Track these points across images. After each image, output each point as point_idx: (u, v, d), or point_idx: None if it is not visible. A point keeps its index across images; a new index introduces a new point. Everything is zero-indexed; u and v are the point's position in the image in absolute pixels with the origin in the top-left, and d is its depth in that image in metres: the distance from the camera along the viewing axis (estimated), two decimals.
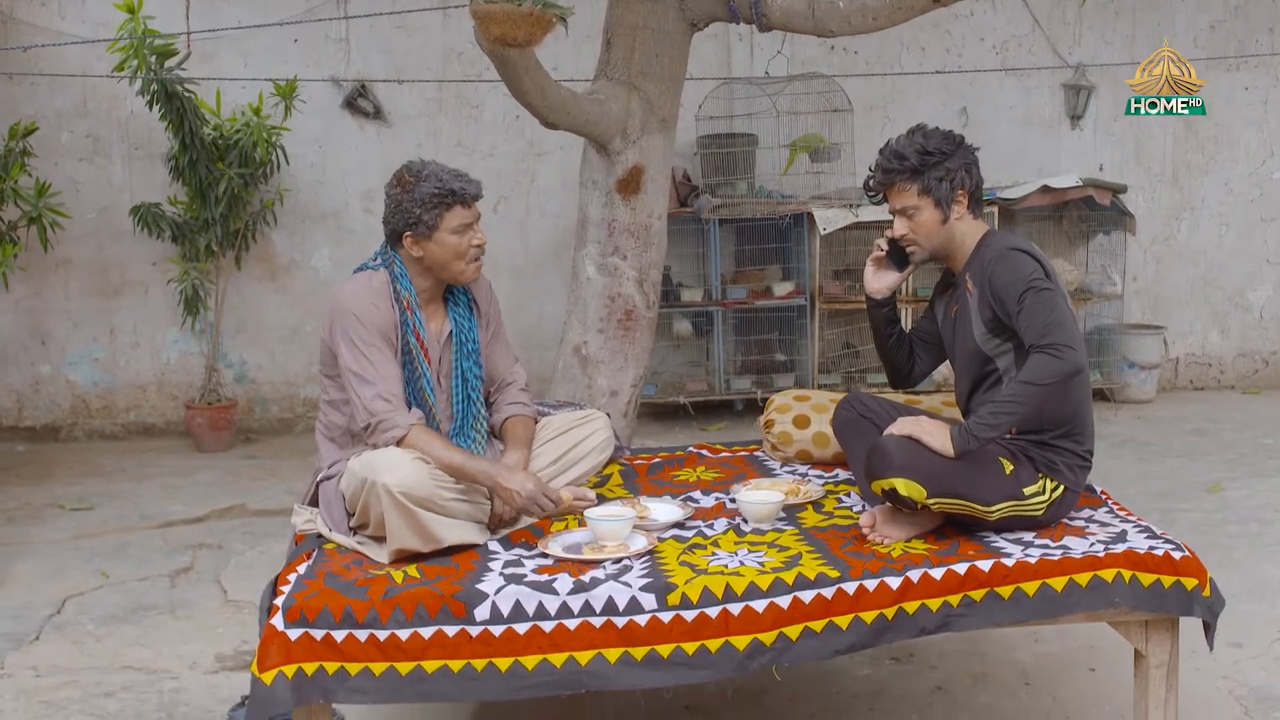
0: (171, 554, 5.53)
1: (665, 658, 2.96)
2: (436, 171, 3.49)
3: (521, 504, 3.33)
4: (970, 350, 3.52)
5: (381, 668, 2.94)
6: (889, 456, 3.21)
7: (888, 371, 3.92)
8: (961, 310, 3.55)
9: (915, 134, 3.55)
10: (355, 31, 8.03)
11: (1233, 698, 3.82)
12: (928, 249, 3.58)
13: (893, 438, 3.28)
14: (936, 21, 8.45)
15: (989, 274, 3.42)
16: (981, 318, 3.46)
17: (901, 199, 3.54)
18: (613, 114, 5.27)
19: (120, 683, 4.12)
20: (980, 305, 3.46)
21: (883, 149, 3.58)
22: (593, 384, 5.44)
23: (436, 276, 3.56)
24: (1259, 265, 8.85)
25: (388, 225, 3.54)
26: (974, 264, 3.52)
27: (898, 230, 3.59)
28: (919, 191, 3.51)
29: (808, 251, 7.89)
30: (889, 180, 3.54)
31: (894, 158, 3.52)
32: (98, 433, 8.10)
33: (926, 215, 3.52)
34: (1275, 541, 5.27)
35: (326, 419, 3.61)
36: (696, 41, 5.86)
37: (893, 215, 3.61)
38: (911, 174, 3.50)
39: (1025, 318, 3.31)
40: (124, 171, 7.93)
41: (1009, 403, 3.24)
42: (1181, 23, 8.56)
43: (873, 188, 3.63)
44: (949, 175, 3.50)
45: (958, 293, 3.58)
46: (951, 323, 3.62)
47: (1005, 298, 3.36)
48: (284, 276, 8.16)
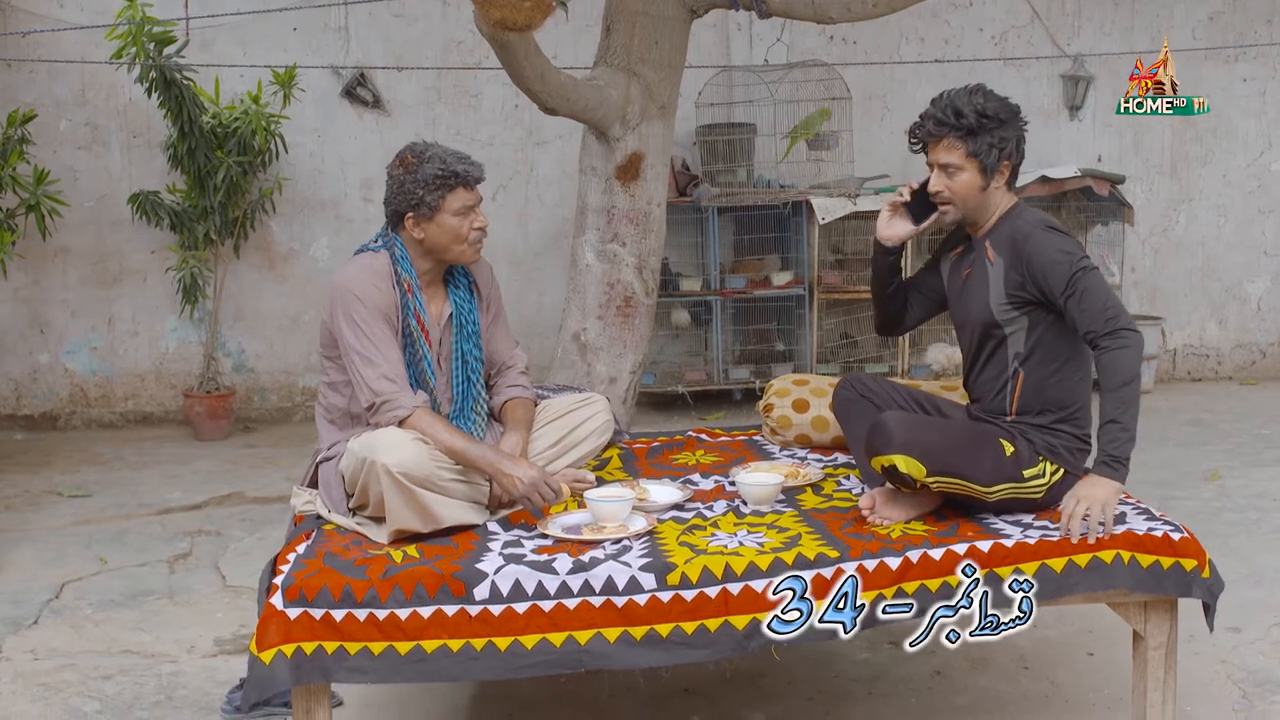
0: (170, 540, 5.53)
1: (664, 637, 2.96)
2: (439, 153, 3.49)
3: (522, 492, 3.32)
4: (980, 317, 3.47)
5: (380, 647, 2.94)
6: (890, 433, 3.20)
7: (879, 318, 3.87)
8: (976, 276, 3.50)
9: (975, 94, 3.44)
10: (355, 20, 8.02)
11: (1231, 681, 3.83)
12: (961, 212, 3.49)
13: (895, 414, 3.28)
14: (935, 12, 8.46)
15: (1025, 250, 3.37)
16: (1006, 288, 3.41)
17: (947, 155, 3.43)
18: (612, 100, 5.27)
19: (118, 666, 4.12)
20: (1005, 276, 3.41)
21: (938, 99, 3.46)
22: (592, 370, 5.45)
23: (437, 258, 3.56)
24: (1257, 257, 8.86)
25: (389, 206, 3.53)
26: (998, 234, 3.47)
27: (934, 186, 3.49)
28: (967, 153, 3.41)
29: (806, 241, 7.89)
30: (939, 133, 3.42)
31: (950, 112, 3.40)
32: (96, 421, 8.09)
33: (968, 178, 3.43)
34: (1273, 530, 5.27)
35: (326, 401, 3.61)
36: (696, 31, 5.86)
37: (930, 167, 3.51)
38: (966, 133, 3.39)
39: (1081, 302, 3.29)
40: (122, 160, 7.92)
41: (1126, 409, 3.23)
42: (1180, 14, 8.56)
43: (918, 136, 3.51)
44: (1001, 144, 3.42)
45: (973, 257, 3.53)
46: (961, 285, 3.57)
47: (1049, 277, 3.32)
48: (282, 265, 8.15)
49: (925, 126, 3.47)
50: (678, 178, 7.80)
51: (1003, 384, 3.49)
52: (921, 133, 3.49)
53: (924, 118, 3.48)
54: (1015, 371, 3.47)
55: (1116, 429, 3.23)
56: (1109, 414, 3.24)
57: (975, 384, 3.59)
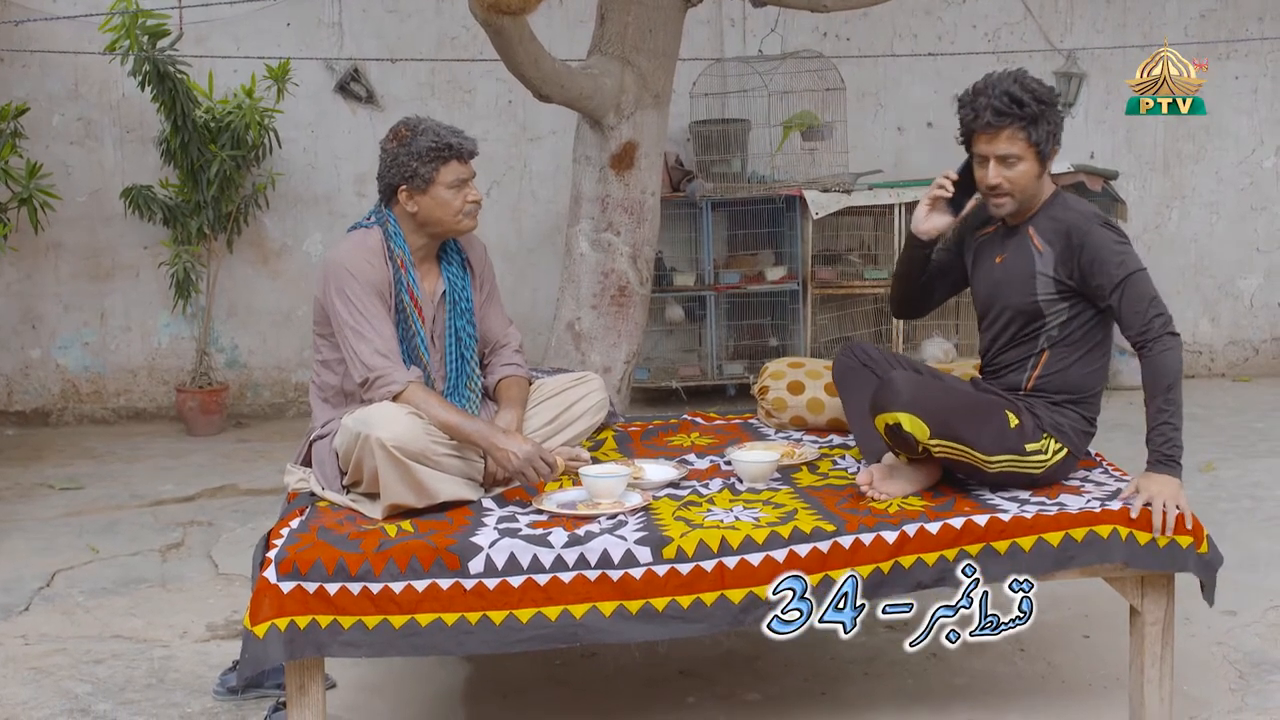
0: (162, 531, 5.50)
1: (660, 611, 2.96)
2: (433, 126, 3.49)
3: (517, 466, 3.31)
4: (1020, 304, 3.41)
5: (375, 621, 2.93)
6: (897, 390, 3.19)
7: (901, 304, 3.81)
8: (1017, 263, 3.43)
9: (1023, 79, 3.33)
10: (348, 15, 8.02)
11: (1227, 662, 3.82)
12: (1018, 203, 3.40)
13: (903, 373, 3.27)
14: (929, 9, 8.47)
15: (1080, 243, 3.31)
16: (1054, 278, 3.36)
17: (1009, 146, 3.31)
18: (606, 89, 5.27)
19: (110, 650, 4.10)
20: (1055, 267, 3.35)
21: (985, 89, 3.32)
22: (586, 360, 5.44)
23: (431, 233, 3.55)
24: (1249, 254, 8.86)
25: (382, 180, 3.53)
26: (1045, 222, 3.40)
27: (991, 179, 3.35)
28: (1029, 142, 3.31)
29: (800, 236, 7.88)
30: (1001, 124, 3.29)
31: (1009, 102, 3.28)
32: (88, 417, 8.06)
33: (1027, 167, 3.34)
34: (1267, 517, 5.28)
35: (320, 379, 3.60)
36: (689, 27, 5.87)
37: (977, 158, 3.40)
38: (1029, 122, 3.29)
39: (1132, 302, 3.27)
40: (115, 155, 7.90)
41: (1176, 411, 3.24)
42: (1172, 11, 8.57)
43: (975, 128, 3.35)
44: (1055, 129, 3.34)
45: (1013, 243, 3.46)
46: (993, 269, 3.51)
47: (1101, 273, 3.29)
48: (275, 261, 8.13)
49: (983, 118, 3.31)
50: (671, 173, 7.79)
51: (1025, 361, 3.48)
52: (980, 124, 3.33)
53: (978, 108, 3.32)
54: (1041, 351, 3.45)
55: (1169, 430, 3.23)
56: (1161, 416, 3.24)
57: (994, 360, 3.56)
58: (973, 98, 3.36)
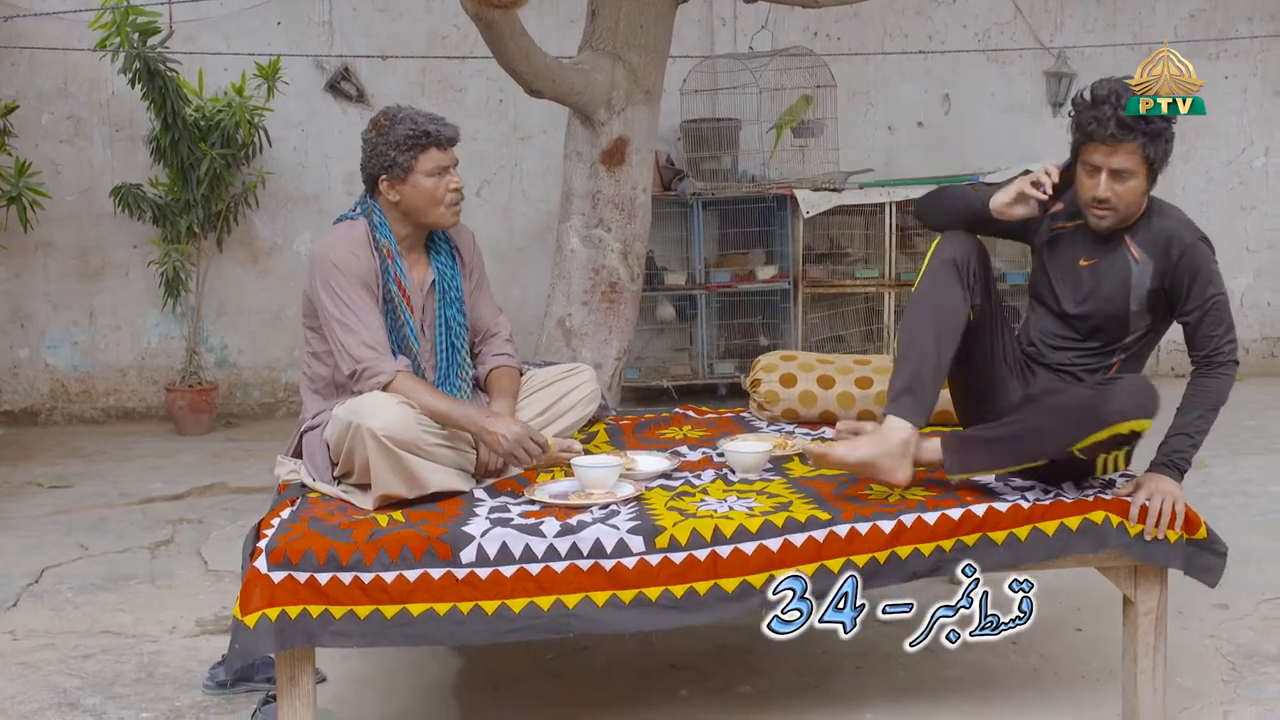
0: (151, 528, 5.48)
1: (653, 601, 2.95)
2: (412, 114, 3.48)
3: (507, 448, 3.30)
4: (1113, 312, 3.36)
5: (366, 611, 2.91)
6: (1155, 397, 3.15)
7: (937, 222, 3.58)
8: (1113, 272, 3.35)
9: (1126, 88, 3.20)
10: (339, 14, 8.00)
11: (1220, 654, 3.83)
12: (1121, 216, 3.29)
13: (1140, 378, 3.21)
14: (919, 8, 8.48)
15: (1180, 258, 3.27)
16: (1150, 289, 3.32)
17: (1125, 160, 3.19)
18: (597, 84, 5.26)
19: (99, 646, 4.07)
20: (1151, 278, 3.31)
21: (1108, 97, 3.19)
22: (577, 357, 5.42)
23: (415, 222, 3.54)
24: (1239, 253, 8.87)
25: (364, 171, 3.53)
26: (1143, 232, 3.33)
27: (1102, 192, 3.23)
28: (1144, 159, 3.19)
29: (790, 235, 7.88)
30: (1124, 138, 3.16)
31: (1137, 117, 3.16)
32: (77, 417, 8.02)
33: (1137, 183, 3.23)
34: (1259, 513, 5.29)
35: (310, 371, 3.59)
36: (680, 26, 5.86)
37: (1086, 166, 3.27)
38: (1150, 139, 3.17)
39: (1211, 326, 3.30)
40: (105, 153, 7.87)
41: (1202, 428, 3.29)
42: (1162, 11, 8.59)
43: (1098, 138, 3.20)
44: (1169, 148, 3.25)
45: (1106, 249, 3.37)
46: (1079, 271, 3.41)
47: (1193, 291, 3.28)
48: (265, 260, 8.11)
49: (1108, 129, 3.17)
50: (662, 172, 7.78)
51: (1093, 371, 3.46)
52: (1104, 134, 3.18)
53: (1102, 118, 3.18)
54: (1113, 364, 3.45)
55: (1187, 442, 3.25)
56: (1185, 426, 3.26)
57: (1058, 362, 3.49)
58: (1096, 105, 3.22)
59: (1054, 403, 3.24)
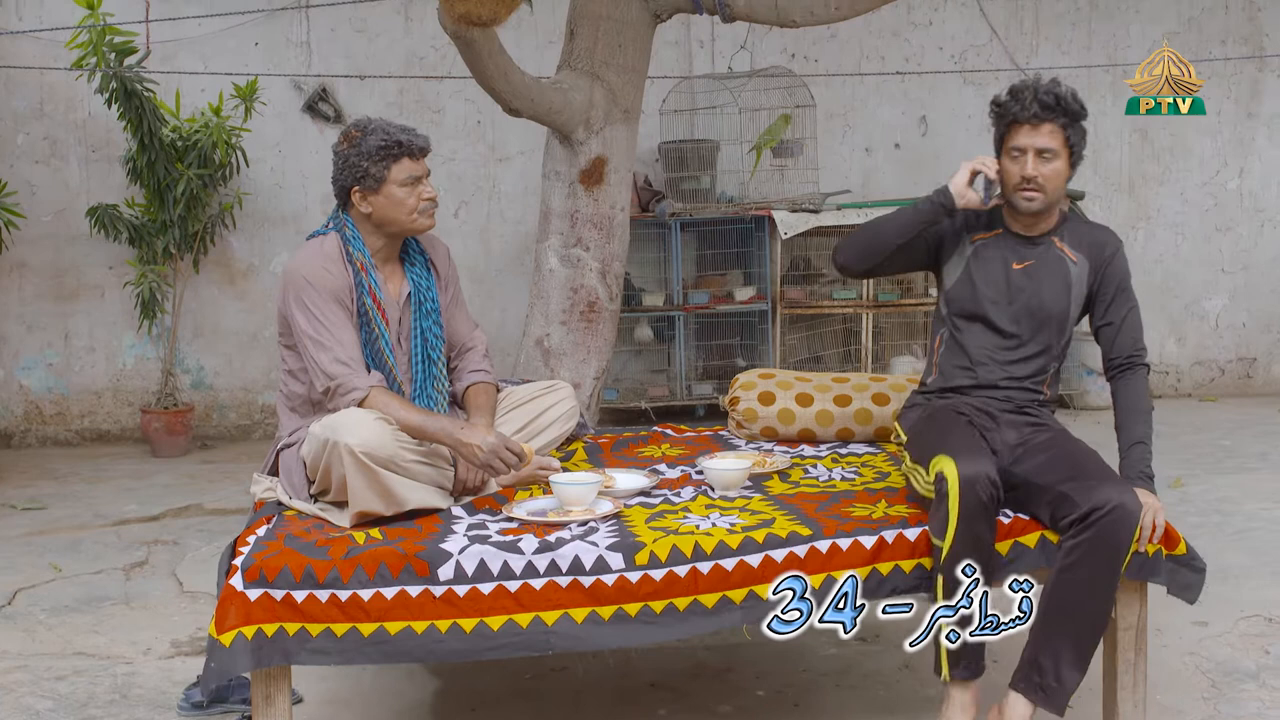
0: (126, 549, 5.43)
1: (633, 617, 2.93)
2: (383, 125, 3.48)
3: (483, 459, 3.27)
4: (1056, 311, 3.46)
5: (343, 628, 2.89)
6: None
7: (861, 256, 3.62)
8: (1048, 272, 3.46)
9: (1061, 85, 3.40)
10: (316, 35, 8.00)
11: (1199, 672, 3.82)
12: (1047, 200, 3.42)
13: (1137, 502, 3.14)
14: (896, 31, 8.52)
15: (1110, 255, 3.45)
16: (1085, 289, 3.45)
17: (1047, 140, 3.36)
18: (576, 103, 5.26)
19: (72, 667, 4.03)
20: (1087, 279, 3.44)
21: (1029, 87, 3.38)
22: (555, 376, 5.40)
23: (388, 233, 3.53)
24: (1214, 274, 8.93)
25: (336, 184, 3.52)
26: (1071, 235, 3.49)
27: (1029, 170, 3.37)
28: (1065, 141, 3.38)
29: (769, 256, 7.89)
30: (1046, 118, 3.35)
31: (1053, 98, 3.35)
32: (51, 439, 7.97)
33: (1059, 165, 3.39)
34: (1235, 531, 5.30)
35: (287, 388, 3.56)
36: (658, 48, 5.87)
37: (1013, 152, 3.41)
38: (1070, 120, 3.37)
39: (1130, 326, 3.44)
40: (81, 174, 7.84)
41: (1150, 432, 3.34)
42: (1136, 34, 8.66)
43: (1020, 119, 3.38)
44: (1084, 137, 3.43)
45: (1038, 252, 3.48)
46: (1013, 274, 3.48)
47: (1117, 296, 3.44)
48: (242, 281, 8.08)
49: (1031, 109, 3.36)
50: (640, 193, 7.79)
51: (1040, 377, 3.52)
52: (1026, 114, 3.36)
53: (1024, 101, 3.37)
54: (1052, 365, 3.54)
55: (1144, 449, 3.31)
56: (1138, 436, 3.32)
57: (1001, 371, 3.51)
58: (1016, 93, 3.41)
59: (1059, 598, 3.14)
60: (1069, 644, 3.10)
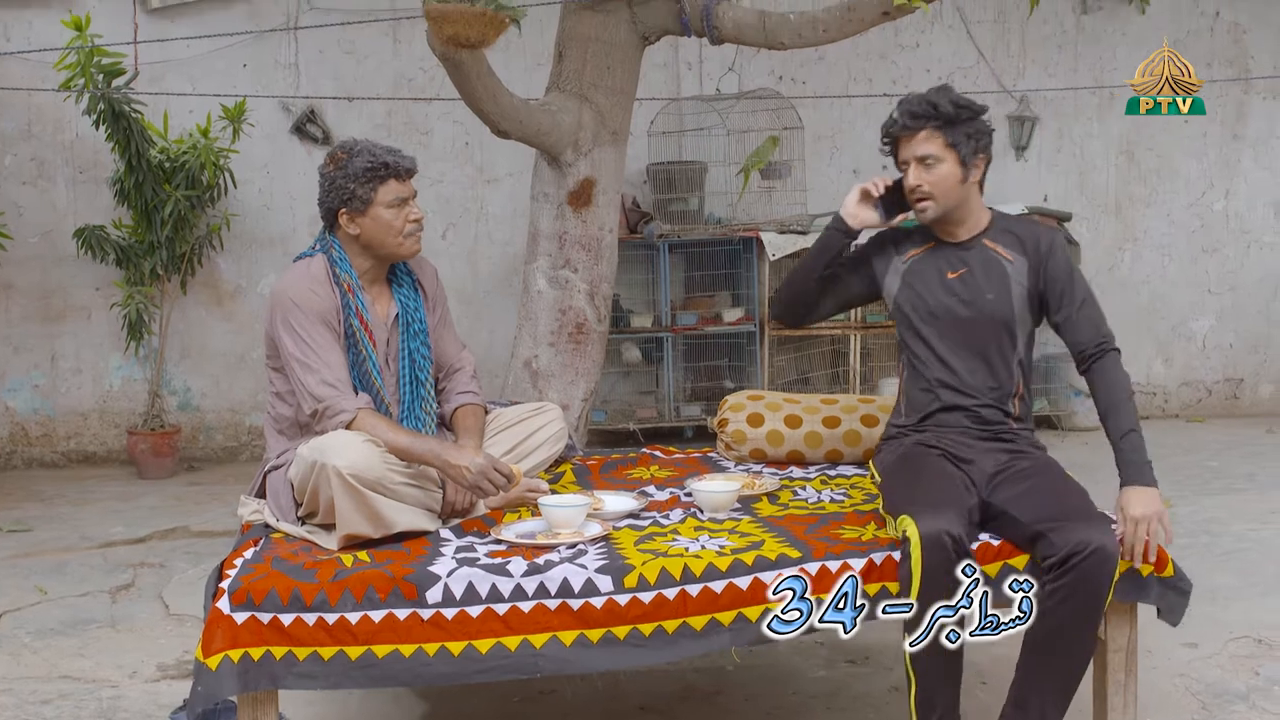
0: (112, 572, 5.40)
1: (621, 640, 2.91)
2: (369, 146, 3.47)
3: (472, 480, 3.26)
4: (1000, 314, 3.42)
5: (331, 652, 2.86)
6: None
7: (790, 306, 3.72)
8: (985, 275, 3.43)
9: (943, 90, 3.42)
10: (305, 56, 8.00)
11: (1189, 694, 3.82)
12: (942, 207, 3.40)
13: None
14: (883, 53, 8.56)
15: (1048, 248, 3.40)
16: (1027, 288, 3.41)
17: (924, 147, 3.36)
18: (564, 125, 5.27)
19: (57, 691, 4.00)
20: (1027, 277, 3.41)
21: (906, 100, 3.42)
22: (543, 397, 5.41)
23: (375, 255, 3.52)
24: (1201, 295, 8.96)
25: (323, 205, 3.51)
26: (1001, 235, 3.46)
27: (913, 180, 3.40)
28: (946, 143, 3.35)
29: (757, 277, 7.90)
30: (916, 126, 3.37)
31: (926, 104, 3.36)
32: (37, 461, 7.94)
33: (947, 169, 3.36)
34: (1224, 552, 5.30)
35: (274, 411, 3.55)
36: (646, 69, 5.88)
37: (903, 166, 3.44)
38: (945, 123, 3.35)
39: (1089, 314, 3.36)
40: (69, 195, 7.83)
41: (1136, 418, 3.24)
42: (1122, 55, 8.70)
43: (893, 133, 3.44)
44: (976, 135, 3.38)
45: (971, 256, 3.46)
46: (949, 283, 3.46)
47: (1063, 286, 3.38)
48: (230, 302, 8.07)
49: (900, 121, 3.41)
50: (628, 215, 7.80)
51: (1003, 392, 3.46)
52: (896, 128, 3.42)
53: (897, 115, 3.43)
54: (1016, 376, 3.47)
55: (1137, 437, 3.21)
56: (1127, 425, 3.22)
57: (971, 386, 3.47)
58: (894, 111, 3.45)
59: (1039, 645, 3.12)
60: (1052, 685, 3.08)
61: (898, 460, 3.42)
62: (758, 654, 4.00)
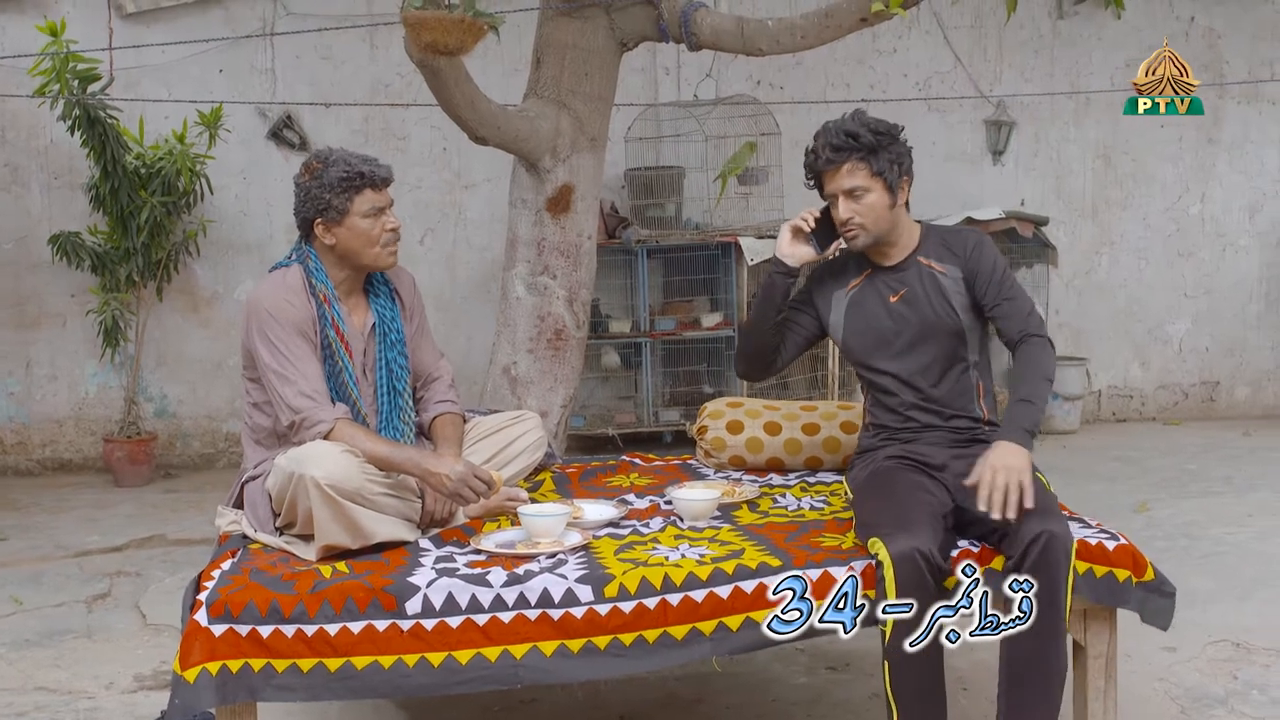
0: (88, 581, 5.37)
1: (602, 649, 2.91)
2: (344, 156, 3.45)
3: (452, 488, 3.24)
4: (950, 327, 3.44)
5: (310, 664, 2.85)
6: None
7: (751, 358, 3.69)
8: (924, 292, 3.46)
9: (857, 116, 3.43)
10: (281, 61, 7.96)
11: (1169, 698, 3.83)
12: (873, 234, 3.42)
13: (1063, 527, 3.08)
14: (861, 58, 8.57)
15: (972, 249, 3.43)
16: (963, 293, 3.43)
17: (851, 179, 3.37)
18: (542, 131, 5.25)
19: (33, 703, 3.97)
20: (963, 283, 3.44)
21: (823, 131, 3.42)
22: (522, 404, 5.39)
23: (352, 265, 3.50)
24: (1177, 299, 9.00)
25: (299, 216, 3.48)
26: (931, 249, 3.48)
27: (842, 214, 3.39)
28: (871, 172, 3.36)
29: (735, 282, 7.90)
30: (840, 159, 3.36)
31: (845, 136, 3.36)
32: (12, 468, 7.87)
33: (875, 198, 3.37)
34: (1202, 555, 5.32)
35: (251, 421, 3.53)
36: (624, 75, 5.87)
37: (829, 198, 3.46)
38: (868, 153, 3.35)
39: (1015, 304, 3.38)
40: (43, 201, 7.77)
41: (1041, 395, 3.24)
42: (1098, 60, 8.74)
43: (816, 168, 3.44)
44: (899, 159, 3.40)
45: (907, 277, 3.48)
46: (891, 307, 3.48)
47: (993, 280, 3.40)
48: (206, 309, 8.03)
49: (823, 156, 3.40)
50: (606, 220, 7.78)
51: (968, 395, 3.49)
52: (820, 163, 3.42)
53: (817, 149, 3.43)
54: (976, 380, 3.50)
55: (1030, 407, 3.21)
56: (1025, 394, 3.22)
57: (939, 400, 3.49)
58: (813, 143, 3.46)
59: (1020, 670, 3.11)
60: (1035, 692, 3.08)
61: (868, 478, 3.42)
62: (739, 661, 3.99)
